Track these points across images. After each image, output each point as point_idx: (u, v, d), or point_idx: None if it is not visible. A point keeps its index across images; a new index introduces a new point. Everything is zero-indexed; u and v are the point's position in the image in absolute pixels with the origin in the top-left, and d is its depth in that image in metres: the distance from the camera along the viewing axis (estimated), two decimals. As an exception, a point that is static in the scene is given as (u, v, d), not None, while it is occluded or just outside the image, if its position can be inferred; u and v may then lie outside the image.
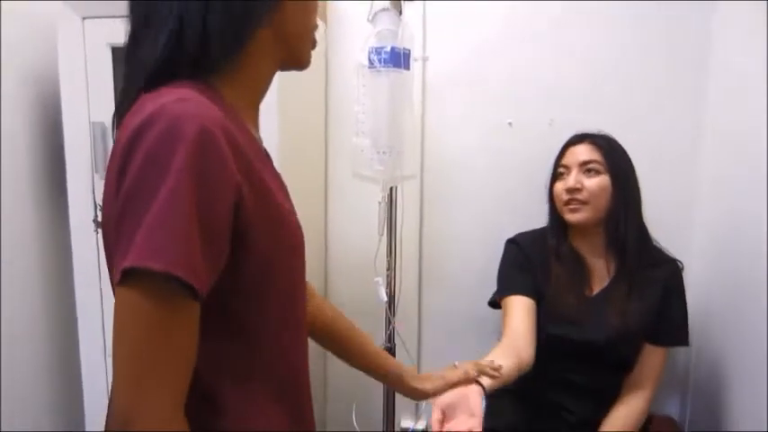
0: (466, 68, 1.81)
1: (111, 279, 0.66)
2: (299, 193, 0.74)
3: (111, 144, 1.45)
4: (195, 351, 0.61)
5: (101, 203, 1.50)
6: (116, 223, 0.59)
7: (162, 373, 0.58)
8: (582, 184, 1.40)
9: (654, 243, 1.48)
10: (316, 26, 0.81)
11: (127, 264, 0.55)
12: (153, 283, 0.56)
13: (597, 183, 1.39)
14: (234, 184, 0.61)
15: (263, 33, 0.72)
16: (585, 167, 1.41)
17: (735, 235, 1.52)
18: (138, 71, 0.67)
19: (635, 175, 1.45)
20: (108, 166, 0.66)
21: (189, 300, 0.58)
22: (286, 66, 0.80)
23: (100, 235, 1.51)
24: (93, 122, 1.47)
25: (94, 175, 1.50)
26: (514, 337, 1.34)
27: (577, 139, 1.48)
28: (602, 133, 1.48)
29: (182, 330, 0.59)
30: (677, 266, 1.46)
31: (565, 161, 1.46)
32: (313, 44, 0.82)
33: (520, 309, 1.41)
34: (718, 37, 1.67)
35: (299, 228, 0.76)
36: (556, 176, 1.49)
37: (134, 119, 0.60)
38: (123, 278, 0.56)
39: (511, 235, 1.61)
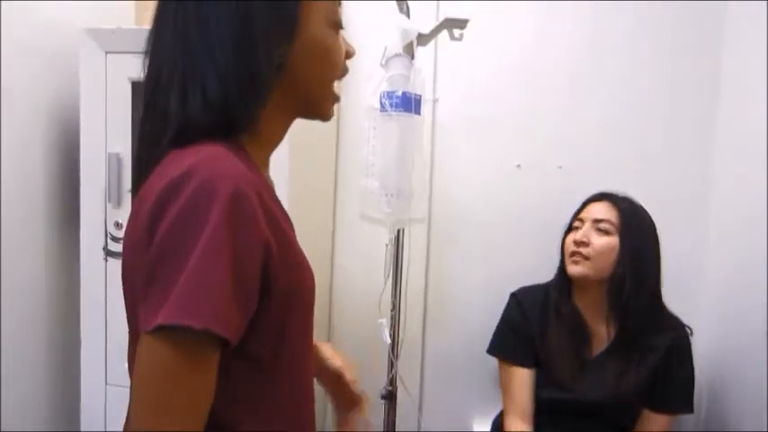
0: (475, 111, 1.83)
1: (130, 319, 0.70)
2: (306, 230, 0.75)
3: (126, 174, 1.51)
4: (214, 389, 0.63)
5: (111, 233, 1.52)
6: (148, 275, 0.60)
7: (184, 414, 0.60)
8: (589, 240, 1.39)
9: (665, 307, 1.45)
10: (336, 76, 0.80)
11: (165, 320, 0.56)
12: (188, 337, 0.57)
13: (605, 242, 1.38)
14: (263, 242, 0.63)
15: (277, 93, 0.73)
16: (598, 225, 1.41)
17: (744, 290, 1.50)
18: (162, 124, 0.69)
19: (653, 242, 1.42)
20: (135, 213, 0.67)
21: (219, 348, 0.60)
22: (306, 117, 0.82)
23: (109, 263, 1.54)
24: (110, 153, 1.50)
25: (107, 204, 1.52)
26: (522, 407, 1.44)
27: (598, 197, 1.47)
28: (628, 197, 1.47)
29: (207, 374, 0.61)
30: (685, 332, 1.43)
31: (581, 215, 1.46)
32: (336, 98, 0.82)
33: (523, 382, 1.46)
34: (726, 88, 1.68)
35: (311, 270, 0.77)
36: (570, 230, 1.49)
37: (168, 172, 0.62)
38: (158, 330, 0.57)
39: (516, 281, 1.60)
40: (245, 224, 0.61)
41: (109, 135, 1.51)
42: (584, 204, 1.49)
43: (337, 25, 0.78)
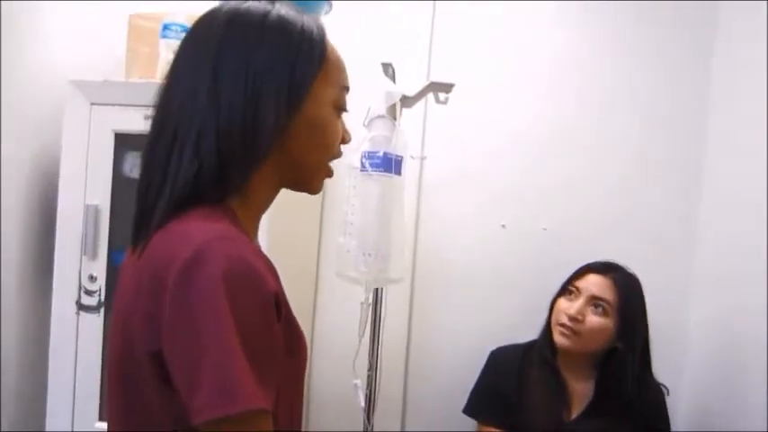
0: (463, 169, 1.84)
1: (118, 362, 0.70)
2: (287, 288, 0.74)
3: (103, 227, 1.49)
4: None
5: (85, 286, 1.49)
6: (170, 355, 0.61)
7: None
8: (584, 317, 1.36)
9: (651, 374, 1.44)
10: (331, 157, 0.81)
11: (209, 416, 0.58)
12: (238, 420, 0.59)
13: (600, 323, 1.36)
14: (274, 293, 0.65)
15: (271, 159, 0.73)
16: (594, 302, 1.38)
17: (731, 337, 1.49)
18: (159, 184, 0.70)
19: (644, 313, 1.41)
20: (138, 280, 0.67)
21: (266, 415, 0.61)
22: (293, 188, 0.82)
23: (81, 317, 1.50)
24: (88, 205, 1.49)
25: (83, 256, 1.50)
26: None
27: (600, 269, 1.43)
28: (628, 270, 1.45)
29: None
30: (661, 392, 1.42)
31: (578, 284, 1.42)
32: (327, 174, 0.83)
33: None
34: (712, 142, 1.70)
35: (304, 337, 0.78)
36: (563, 292, 1.45)
37: (176, 246, 0.63)
38: (211, 423, 0.58)
39: (500, 339, 1.59)
40: (256, 303, 0.62)
41: (88, 186, 1.50)
42: (583, 271, 1.44)
43: (341, 109, 0.79)
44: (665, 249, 1.75)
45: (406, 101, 1.48)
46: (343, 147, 0.83)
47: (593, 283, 1.39)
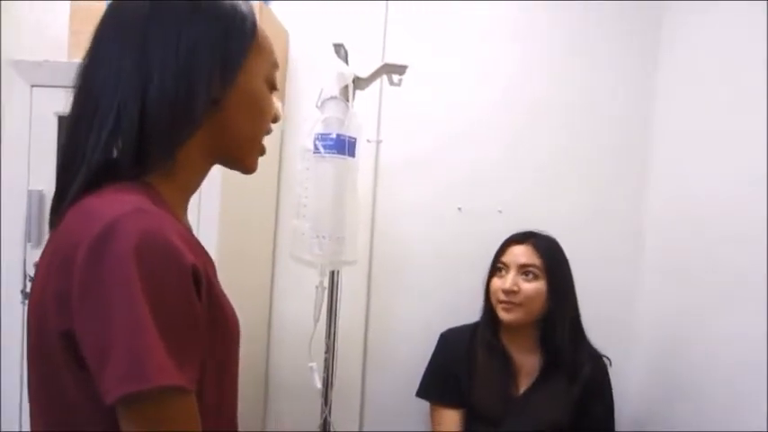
0: (418, 153, 1.84)
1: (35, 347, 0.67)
2: (243, 272, 0.74)
3: (48, 213, 1.44)
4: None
5: (30, 275, 1.45)
6: (82, 334, 0.59)
7: None
8: (519, 287, 1.40)
9: (587, 339, 1.48)
10: (264, 133, 0.81)
11: (118, 393, 0.56)
12: (151, 398, 0.57)
13: (534, 287, 1.40)
14: (191, 265, 0.62)
15: (201, 135, 0.72)
16: (524, 270, 1.42)
17: (675, 330, 1.53)
18: (78, 162, 0.67)
19: (571, 277, 1.47)
20: (49, 259, 0.65)
21: (183, 394, 0.60)
22: (228, 166, 0.81)
23: (26, 306, 1.45)
24: (32, 190, 1.44)
25: (27, 243, 1.45)
26: None
27: (519, 239, 1.48)
28: (544, 234, 1.50)
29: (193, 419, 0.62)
30: (604, 363, 1.47)
31: (505, 259, 1.47)
32: (261, 151, 0.82)
33: (451, 422, 1.47)
34: (659, 127, 1.75)
35: (233, 309, 0.75)
36: (494, 271, 1.49)
37: (86, 222, 0.61)
38: (125, 403, 0.57)
39: (457, 321, 1.60)
40: (171, 276, 0.60)
41: (32, 171, 1.45)
42: (506, 246, 1.50)
43: (273, 86, 0.79)
44: (615, 228, 1.79)
45: (360, 82, 1.47)
46: (296, 124, 0.83)
47: (517, 254, 1.45)
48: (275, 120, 0.82)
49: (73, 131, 0.70)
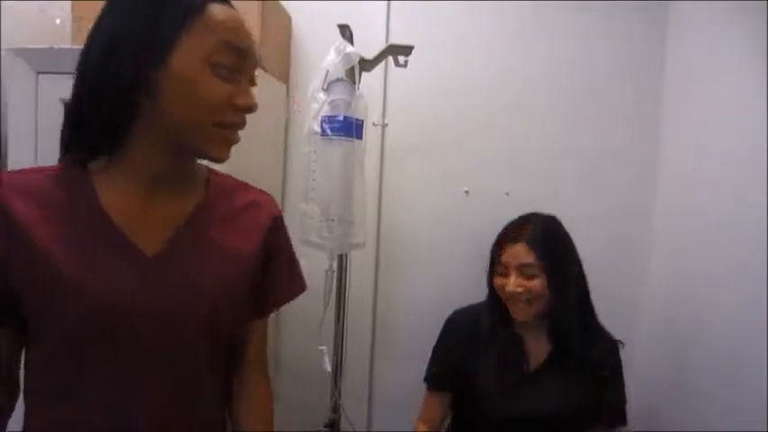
0: (425, 136, 1.83)
1: None
2: None
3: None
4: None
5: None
6: None
7: None
8: (523, 287, 1.37)
9: (598, 322, 1.46)
10: (209, 120, 0.74)
11: None
12: None
13: (537, 284, 1.36)
14: None
15: (146, 116, 0.73)
16: (524, 270, 1.38)
17: (683, 312, 1.54)
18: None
19: (573, 263, 1.42)
20: None
21: None
22: (193, 155, 0.81)
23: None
24: (39, 177, 1.44)
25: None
26: (431, 417, 1.51)
27: (513, 237, 1.42)
28: (541, 217, 1.45)
29: None
30: (616, 347, 1.45)
31: (504, 260, 1.42)
32: (224, 140, 0.76)
33: (442, 402, 1.51)
34: (669, 115, 1.73)
35: (93, 296, 0.72)
36: (495, 270, 1.46)
37: None
38: None
39: (465, 304, 1.59)
40: None
41: (39, 160, 1.44)
42: (503, 244, 1.44)
43: (219, 68, 0.73)
44: (624, 212, 1.78)
45: (365, 64, 1.45)
46: (303, 107, 0.82)
47: (512, 255, 1.40)
48: (238, 107, 0.75)
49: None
